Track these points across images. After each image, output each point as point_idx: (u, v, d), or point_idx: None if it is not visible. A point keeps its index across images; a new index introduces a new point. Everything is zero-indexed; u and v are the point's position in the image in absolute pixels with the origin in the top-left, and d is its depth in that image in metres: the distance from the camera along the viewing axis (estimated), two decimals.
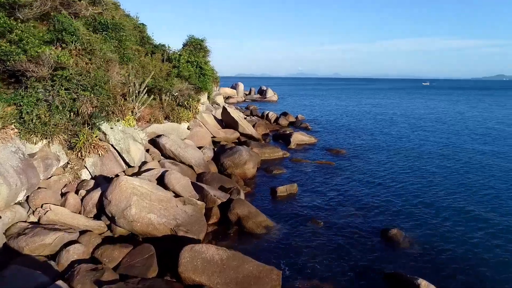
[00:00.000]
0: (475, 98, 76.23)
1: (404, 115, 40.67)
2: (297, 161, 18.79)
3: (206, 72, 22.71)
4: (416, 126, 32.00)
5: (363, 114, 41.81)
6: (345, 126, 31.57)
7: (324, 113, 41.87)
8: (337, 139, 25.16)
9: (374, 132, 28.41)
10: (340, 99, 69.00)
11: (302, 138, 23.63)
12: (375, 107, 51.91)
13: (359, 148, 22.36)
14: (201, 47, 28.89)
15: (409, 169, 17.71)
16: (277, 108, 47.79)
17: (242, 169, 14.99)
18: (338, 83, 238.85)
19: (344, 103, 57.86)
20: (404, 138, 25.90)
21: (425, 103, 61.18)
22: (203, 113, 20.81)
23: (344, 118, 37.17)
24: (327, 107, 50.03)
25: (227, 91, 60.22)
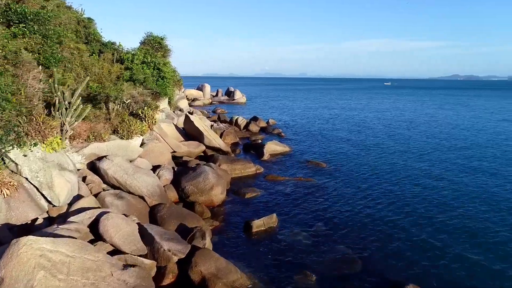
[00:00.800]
0: (440, 98, 77.52)
1: (376, 118, 39.29)
2: (272, 179, 16.13)
3: (165, 74, 19.55)
4: (390, 129, 30.44)
5: (335, 117, 40.02)
6: (318, 131, 29.40)
7: (295, 117, 39.66)
8: (313, 147, 22.83)
9: (350, 138, 26.40)
10: (309, 100, 67.43)
11: (275, 148, 21.06)
12: (344, 109, 50.52)
13: (337, 158, 20.11)
14: (160, 46, 25.64)
15: (396, 181, 15.60)
16: (246, 112, 45.10)
17: (209, 195, 12.12)
18: (305, 83, 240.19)
19: (314, 105, 56.15)
20: (381, 144, 24.00)
21: (393, 104, 60.85)
22: (162, 123, 17.68)
23: (316, 122, 35.08)
24: (297, 110, 47.97)
25: (192, 93, 56.78)
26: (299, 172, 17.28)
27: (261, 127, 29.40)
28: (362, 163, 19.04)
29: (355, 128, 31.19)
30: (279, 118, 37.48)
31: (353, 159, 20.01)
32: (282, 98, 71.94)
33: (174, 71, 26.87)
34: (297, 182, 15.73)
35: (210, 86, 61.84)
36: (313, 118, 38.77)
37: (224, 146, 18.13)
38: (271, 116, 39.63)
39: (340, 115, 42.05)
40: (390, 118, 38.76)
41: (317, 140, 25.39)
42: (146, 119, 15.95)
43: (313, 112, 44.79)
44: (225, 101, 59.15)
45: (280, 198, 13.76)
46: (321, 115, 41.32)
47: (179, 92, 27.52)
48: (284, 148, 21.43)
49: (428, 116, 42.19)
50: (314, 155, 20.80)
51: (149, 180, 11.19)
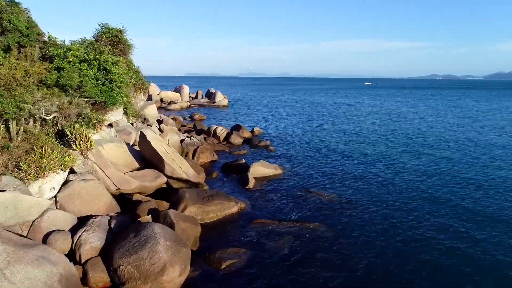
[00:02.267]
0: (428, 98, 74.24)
1: (371, 122, 34.89)
2: (262, 224, 11.25)
3: (115, 76, 14.30)
4: (390, 136, 26.01)
5: (326, 121, 35.40)
6: (312, 142, 24.65)
7: (283, 123, 34.84)
8: (309, 167, 18.04)
9: (349, 150, 21.75)
10: (295, 101, 62.80)
11: (263, 171, 16.16)
12: (334, 111, 46.08)
13: (346, 184, 15.39)
14: (118, 41, 20.32)
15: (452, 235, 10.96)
16: (227, 117, 40.04)
17: (158, 282, 7.12)
18: (289, 83, 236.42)
19: (301, 107, 51.51)
20: (388, 159, 19.46)
21: (383, 104, 56.85)
22: (106, 145, 12.49)
23: (307, 129, 30.36)
24: (284, 113, 43.19)
25: (169, 95, 51.22)
26: (298, 210, 12.44)
27: (245, 138, 24.42)
28: (376, 189, 14.39)
29: (352, 138, 26.60)
30: (265, 125, 32.58)
31: (367, 185, 15.32)
32: (267, 100, 67.10)
33: (137, 72, 21.62)
34: (297, 230, 10.88)
35: (189, 88, 56.36)
36: (303, 124, 34.04)
37: (194, 176, 13.01)
38: (256, 122, 34.75)
39: (331, 119, 37.49)
40: (384, 122, 34.45)
41: (312, 155, 20.61)
42: (77, 143, 10.78)
43: (302, 116, 40.10)
44: (205, 104, 53.85)
45: (276, 265, 8.86)
46: (311, 120, 36.64)
47: (144, 98, 22.28)
48: (274, 171, 16.54)
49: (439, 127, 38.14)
50: (312, 179, 15.98)
51: (38, 275, 6.05)
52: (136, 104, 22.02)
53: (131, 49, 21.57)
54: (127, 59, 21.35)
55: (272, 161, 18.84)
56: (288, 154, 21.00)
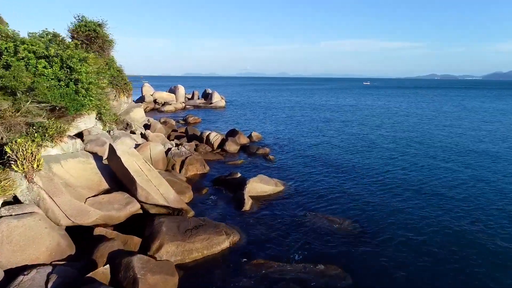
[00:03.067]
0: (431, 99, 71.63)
1: (377, 127, 32.32)
2: (259, 265, 8.69)
3: (81, 76, 11.71)
4: (402, 144, 23.44)
5: (328, 126, 32.78)
6: (315, 150, 22.08)
7: (283, 126, 32.26)
8: (315, 181, 15.45)
9: (362, 163, 19.17)
10: (295, 102, 60.26)
11: (262, 188, 13.59)
12: (336, 113, 43.51)
13: (359, 204, 12.81)
14: (97, 36, 17.73)
15: None
16: (224, 119, 37.46)
17: None
18: (287, 83, 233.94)
19: (301, 109, 48.96)
20: (403, 172, 16.91)
21: (385, 105, 54.26)
22: (65, 161, 9.89)
23: (310, 134, 27.79)
24: (284, 115, 40.61)
25: (163, 95, 48.61)
26: (305, 243, 9.88)
27: (242, 145, 21.84)
28: (396, 211, 11.83)
29: (359, 144, 24.02)
30: (264, 129, 30.02)
31: (377, 199, 12.78)
32: (265, 100, 64.53)
33: (119, 71, 19.03)
34: (306, 275, 8.33)
35: (184, 88, 53.76)
36: (304, 127, 31.47)
37: (176, 201, 10.38)
38: (254, 126, 32.18)
39: (333, 121, 34.92)
40: (391, 125, 31.89)
41: (317, 166, 18.04)
42: (19, 162, 8.20)
43: (302, 119, 37.54)
44: (201, 105, 51.24)
45: None
46: (312, 123, 34.08)
47: (127, 100, 19.69)
48: (274, 187, 13.96)
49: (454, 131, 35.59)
50: (319, 198, 13.40)
51: None
52: (119, 108, 19.45)
53: (112, 45, 19.00)
54: (107, 57, 18.79)
55: (271, 173, 16.29)
56: (289, 164, 18.41)
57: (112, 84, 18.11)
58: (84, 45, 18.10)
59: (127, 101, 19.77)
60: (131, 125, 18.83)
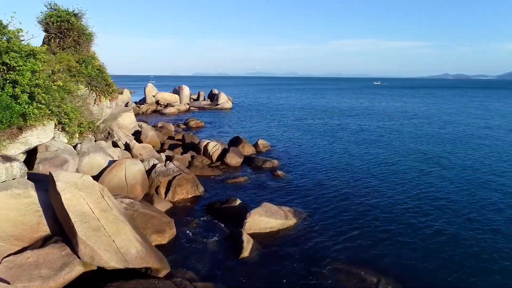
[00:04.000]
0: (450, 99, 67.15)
1: (398, 132, 28.68)
2: None
3: (21, 79, 8.58)
4: (435, 155, 19.86)
5: (343, 131, 29.26)
6: (332, 163, 18.69)
7: (292, 132, 28.89)
8: (337, 210, 12.08)
9: (391, 182, 15.73)
10: (306, 103, 56.74)
11: (267, 223, 10.29)
12: (350, 117, 39.92)
13: (396, 247, 9.46)
14: (71, 27, 14.66)
15: None
16: (229, 122, 34.23)
17: None
18: (296, 82, 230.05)
19: (312, 112, 45.49)
20: (443, 196, 13.42)
21: (402, 107, 50.25)
22: None
23: (322, 142, 24.34)
24: (293, 119, 37.21)
25: (165, 97, 45.66)
26: None
27: (246, 156, 18.59)
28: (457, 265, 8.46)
29: (382, 154, 20.53)
30: (272, 135, 26.71)
31: (417, 238, 9.40)
32: (274, 101, 61.15)
33: (100, 71, 15.93)
34: None
35: (189, 89, 50.70)
36: (316, 133, 28.06)
37: (139, 259, 6.99)
38: (261, 131, 28.90)
39: (348, 126, 31.39)
40: (414, 130, 28.22)
41: (336, 185, 14.65)
42: None
43: (315, 123, 34.09)
44: (206, 107, 48.13)
45: None
46: (326, 128, 30.62)
47: (110, 104, 16.60)
48: (283, 221, 10.63)
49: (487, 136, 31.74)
50: (345, 238, 10.03)
51: None
52: (100, 113, 16.38)
53: (91, 39, 15.92)
54: (86, 53, 15.72)
55: (280, 196, 13.05)
56: (302, 183, 15.05)
57: (90, 85, 15.04)
58: (58, 40, 15.10)
59: (111, 105, 16.70)
60: (113, 134, 15.73)
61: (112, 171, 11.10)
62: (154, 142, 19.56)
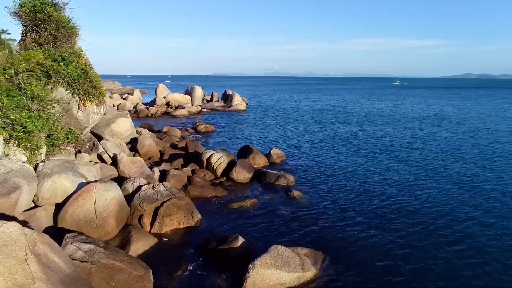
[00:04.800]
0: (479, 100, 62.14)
1: (433, 140, 25.22)
2: None
3: None
4: (486, 178, 16.54)
5: (373, 141, 26.06)
6: (358, 180, 15.64)
7: (310, 137, 25.89)
8: (376, 251, 9.22)
9: (441, 209, 12.64)
10: (323, 104, 53.44)
11: (277, 278, 7.44)
12: (377, 122, 36.49)
13: None
14: (48, 19, 12.21)
15: None
16: (241, 126, 31.49)
17: None
18: (314, 82, 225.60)
19: (332, 114, 42.25)
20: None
21: (430, 110, 46.18)
22: None
23: (349, 154, 21.27)
24: (310, 122, 34.16)
25: (177, 98, 43.38)
26: None
27: (256, 170, 15.78)
28: None
29: (420, 171, 17.37)
30: (288, 143, 23.79)
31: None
32: (291, 103, 58.11)
33: (86, 71, 13.44)
34: None
35: (201, 89, 48.32)
36: (337, 140, 24.98)
37: None
38: (276, 136, 26.02)
39: (375, 133, 28.13)
40: (449, 137, 24.74)
41: (367, 213, 11.69)
42: None
43: (336, 129, 30.97)
44: (219, 108, 45.59)
45: None
46: (349, 134, 27.48)
47: (97, 109, 14.11)
48: (300, 274, 7.69)
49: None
50: None
51: None
52: (86, 120, 13.93)
53: (75, 33, 13.47)
54: (68, 49, 13.29)
55: (296, 229, 10.18)
56: (322, 208, 12.08)
57: (71, 88, 12.59)
58: (33, 34, 12.73)
59: (98, 110, 14.23)
60: (97, 145, 13.24)
61: (78, 201, 8.52)
62: (152, 152, 17.04)
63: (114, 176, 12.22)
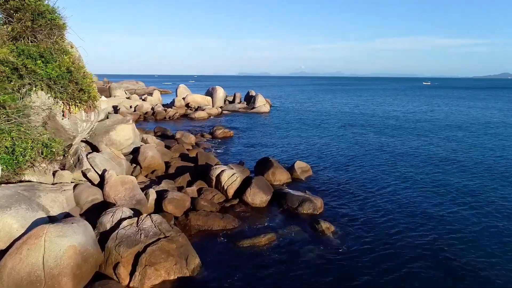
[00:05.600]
0: None
1: (493, 156, 21.42)
2: None
3: None
4: None
5: (417, 148, 22.52)
6: (410, 208, 12.52)
7: (342, 147, 22.69)
8: None
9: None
10: (353, 105, 49.63)
11: None
12: (416, 128, 32.58)
13: None
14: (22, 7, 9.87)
15: None
16: (262, 130, 28.66)
17: None
18: (342, 82, 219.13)
19: (364, 119, 38.62)
20: None
21: (471, 113, 41.56)
22: None
23: (389, 166, 18.00)
24: (339, 125, 30.82)
25: (197, 99, 41.14)
26: None
27: (276, 190, 12.94)
28: None
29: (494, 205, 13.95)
30: (315, 153, 20.71)
31: None
32: (318, 105, 54.66)
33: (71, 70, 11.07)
34: None
35: (223, 90, 45.93)
36: (373, 149, 21.66)
37: None
38: (301, 144, 22.99)
39: (414, 141, 24.52)
40: None
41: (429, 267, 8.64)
42: None
43: (369, 133, 27.55)
44: (241, 110, 43.01)
45: None
46: (384, 141, 24.04)
47: (87, 116, 11.77)
48: None
49: None
50: None
51: None
52: (75, 129, 11.62)
53: (59, 24, 11.14)
54: (53, 45, 10.99)
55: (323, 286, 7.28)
56: (362, 252, 9.06)
57: (52, 91, 10.29)
58: (7, 25, 10.50)
59: (88, 117, 11.91)
60: (82, 160, 10.86)
61: (20, 251, 6.04)
62: (156, 164, 14.58)
63: (98, 201, 9.78)
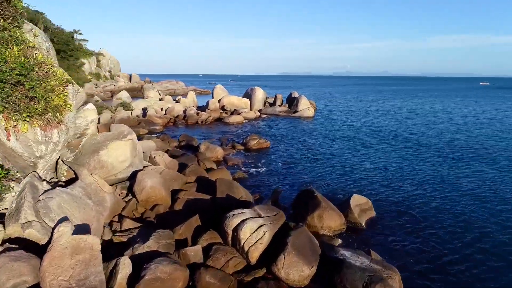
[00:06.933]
0: None
1: None
2: None
3: None
4: None
5: (497, 176, 16.62)
6: None
7: (402, 164, 17.27)
8: None
9: None
10: (405, 109, 42.86)
11: None
12: (496, 137, 25.96)
13: None
14: None
15: None
16: (307, 141, 23.74)
17: None
18: (389, 82, 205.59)
19: (427, 125, 32.23)
20: None
21: None
22: None
23: (485, 201, 12.57)
24: (403, 138, 25.06)
25: (233, 101, 37.10)
26: None
27: (324, 256, 8.24)
28: None
29: None
30: (374, 179, 15.51)
31: None
32: (366, 108, 48.38)
33: (23, 66, 7.22)
34: None
35: (263, 91, 41.56)
36: (452, 173, 16.09)
37: None
38: (353, 163, 17.74)
39: (500, 157, 18.47)
40: None
41: None
42: None
43: (441, 147, 21.71)
44: (281, 114, 38.32)
45: None
46: (464, 161, 18.25)
47: (47, 135, 7.95)
48: None
49: None
50: None
51: None
52: (31, 154, 7.80)
53: (18, 11, 7.34)
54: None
55: None
56: None
57: None
58: None
59: (49, 137, 8.03)
60: (20, 210, 6.90)
61: None
62: (157, 197, 10.51)
63: (26, 287, 5.76)
